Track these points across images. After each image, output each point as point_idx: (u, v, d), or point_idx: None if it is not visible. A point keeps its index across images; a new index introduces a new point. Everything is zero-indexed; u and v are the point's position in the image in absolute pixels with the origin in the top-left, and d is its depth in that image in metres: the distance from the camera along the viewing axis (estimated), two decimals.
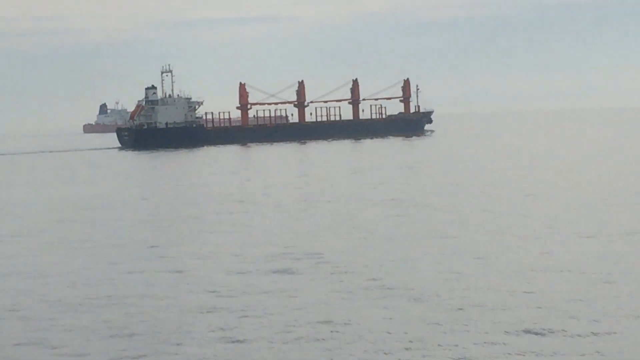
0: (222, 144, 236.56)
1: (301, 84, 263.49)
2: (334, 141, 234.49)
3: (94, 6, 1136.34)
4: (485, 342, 31.51)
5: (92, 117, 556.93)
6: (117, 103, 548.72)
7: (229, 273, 46.60)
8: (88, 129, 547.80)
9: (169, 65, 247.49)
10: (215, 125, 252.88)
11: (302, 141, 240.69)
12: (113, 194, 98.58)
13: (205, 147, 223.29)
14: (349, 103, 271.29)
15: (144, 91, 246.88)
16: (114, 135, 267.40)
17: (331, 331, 33.86)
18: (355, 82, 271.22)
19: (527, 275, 42.48)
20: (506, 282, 41.02)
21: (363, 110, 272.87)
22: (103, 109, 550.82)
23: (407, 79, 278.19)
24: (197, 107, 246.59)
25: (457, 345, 31.20)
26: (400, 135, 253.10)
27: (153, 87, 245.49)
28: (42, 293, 43.22)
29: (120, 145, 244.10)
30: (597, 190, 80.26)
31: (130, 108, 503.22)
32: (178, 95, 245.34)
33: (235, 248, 54.72)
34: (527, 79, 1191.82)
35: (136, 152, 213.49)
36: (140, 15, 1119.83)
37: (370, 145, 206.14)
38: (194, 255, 52.68)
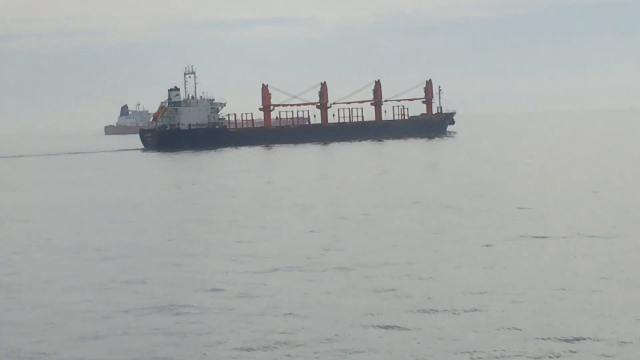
0: (244, 145, 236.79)
1: (324, 85, 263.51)
2: (357, 142, 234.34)
3: (114, 7, 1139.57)
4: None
5: (114, 119, 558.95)
6: (138, 104, 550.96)
7: (254, 276, 46.54)
8: (109, 130, 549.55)
9: (192, 66, 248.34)
10: (238, 126, 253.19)
11: (325, 142, 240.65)
12: (141, 196, 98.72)
13: (228, 149, 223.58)
14: (372, 104, 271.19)
15: (166, 92, 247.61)
16: (136, 136, 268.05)
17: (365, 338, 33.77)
18: (377, 83, 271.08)
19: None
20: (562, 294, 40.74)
21: (385, 112, 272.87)
22: (124, 110, 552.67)
23: (430, 80, 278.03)
24: (220, 108, 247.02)
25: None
26: (423, 137, 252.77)
27: (176, 89, 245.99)
28: (66, 299, 43.31)
29: (143, 146, 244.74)
30: (628, 192, 79.94)
31: (152, 109, 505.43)
32: (201, 96, 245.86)
33: (262, 251, 54.67)
34: (550, 80, 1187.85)
35: (159, 154, 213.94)
36: (161, 16, 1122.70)
37: (393, 147, 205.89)
38: (221, 258, 52.68)
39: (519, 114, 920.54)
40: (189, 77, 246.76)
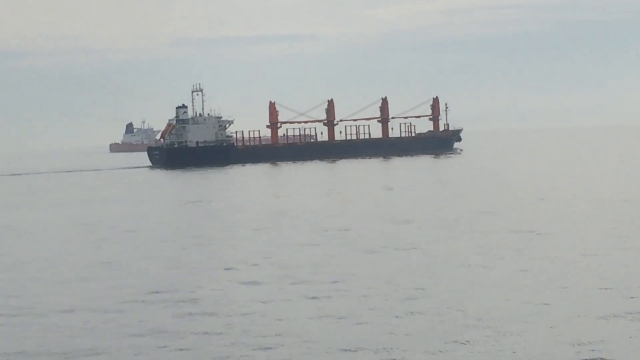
0: (252, 162, 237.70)
1: (330, 103, 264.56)
2: (364, 159, 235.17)
3: (119, 25, 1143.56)
4: None
5: (119, 137, 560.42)
6: (143, 122, 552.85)
7: (258, 295, 47.23)
8: (115, 148, 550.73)
9: (199, 84, 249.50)
10: (245, 143, 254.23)
11: (332, 160, 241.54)
12: (150, 213, 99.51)
13: (235, 166, 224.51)
14: (379, 121, 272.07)
15: (172, 110, 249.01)
16: (141, 154, 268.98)
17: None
18: (384, 101, 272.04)
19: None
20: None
21: (392, 129, 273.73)
22: (129, 128, 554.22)
23: (436, 97, 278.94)
24: (227, 125, 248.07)
25: None
26: (430, 154, 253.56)
27: (184, 106, 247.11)
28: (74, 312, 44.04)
29: (151, 163, 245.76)
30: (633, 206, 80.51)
31: (157, 127, 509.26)
32: (208, 114, 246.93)
33: (270, 266, 55.37)
34: (557, 96, 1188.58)
35: (167, 171, 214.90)
36: (165, 34, 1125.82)
37: (400, 164, 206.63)
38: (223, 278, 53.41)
39: (526, 130, 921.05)
40: (197, 94, 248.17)
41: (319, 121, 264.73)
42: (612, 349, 32.68)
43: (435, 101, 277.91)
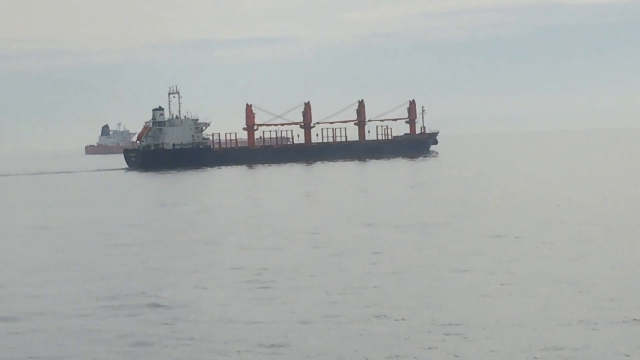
0: (228, 164, 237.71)
1: (307, 105, 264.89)
2: (340, 162, 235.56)
3: (95, 28, 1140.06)
4: None
5: (94, 139, 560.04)
6: (119, 124, 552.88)
7: (230, 297, 47.45)
8: (90, 150, 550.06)
9: (176, 86, 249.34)
10: (222, 146, 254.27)
11: (308, 162, 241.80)
12: (123, 216, 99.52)
13: (212, 168, 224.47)
14: (355, 124, 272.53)
15: (148, 112, 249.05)
16: (117, 156, 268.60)
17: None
18: (361, 103, 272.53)
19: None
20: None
21: (369, 132, 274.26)
22: (105, 130, 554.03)
23: (413, 100, 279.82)
24: (204, 128, 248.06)
25: None
26: (406, 157, 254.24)
27: (160, 109, 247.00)
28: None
29: (127, 166, 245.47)
30: (603, 210, 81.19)
31: (133, 129, 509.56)
32: (185, 116, 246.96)
33: (239, 270, 55.59)
34: (533, 100, 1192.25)
35: (143, 173, 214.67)
36: (142, 37, 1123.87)
37: (377, 166, 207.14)
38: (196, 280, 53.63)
39: (502, 134, 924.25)
40: (173, 97, 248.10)
41: (296, 124, 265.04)
42: (577, 354, 33.12)
43: (412, 104, 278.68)
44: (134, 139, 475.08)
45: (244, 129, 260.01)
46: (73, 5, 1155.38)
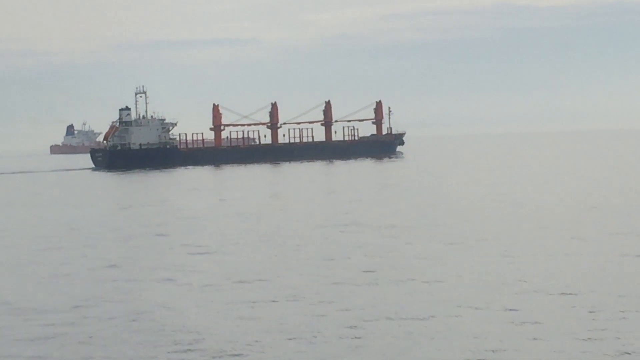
0: (195, 164, 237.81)
1: (274, 106, 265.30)
2: (307, 162, 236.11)
3: (59, 29, 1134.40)
4: None
5: (59, 139, 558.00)
6: (84, 124, 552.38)
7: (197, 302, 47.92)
8: (55, 149, 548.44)
9: (143, 86, 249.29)
10: (188, 146, 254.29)
11: (275, 162, 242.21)
12: (86, 216, 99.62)
13: (178, 168, 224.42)
14: (322, 125, 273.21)
15: (114, 113, 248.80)
16: (82, 156, 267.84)
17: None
18: (328, 104, 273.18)
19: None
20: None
21: (336, 132, 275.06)
22: (70, 130, 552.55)
23: (380, 101, 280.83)
24: (171, 128, 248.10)
25: None
26: (373, 157, 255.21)
27: (127, 108, 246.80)
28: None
29: (94, 165, 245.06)
30: (561, 209, 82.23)
31: (98, 129, 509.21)
32: (152, 116, 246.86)
33: (205, 274, 56.03)
34: (500, 102, 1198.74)
35: (110, 173, 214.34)
36: (106, 37, 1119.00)
37: (343, 167, 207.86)
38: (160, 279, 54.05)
39: (468, 136, 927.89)
40: (140, 96, 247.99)
41: (263, 124, 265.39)
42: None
43: (379, 105, 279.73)
44: (99, 138, 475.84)
45: (211, 129, 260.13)
46: (38, 5, 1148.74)
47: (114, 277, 54.23)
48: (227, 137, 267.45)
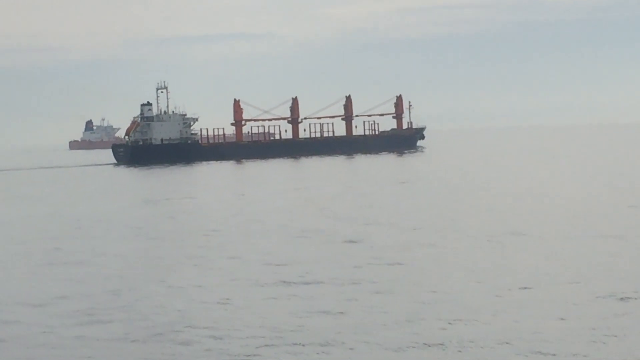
0: (216, 160, 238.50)
1: (295, 101, 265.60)
2: (327, 157, 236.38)
3: (77, 24, 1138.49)
4: None
5: (78, 134, 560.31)
6: (103, 120, 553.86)
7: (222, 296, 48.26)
8: (74, 145, 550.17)
9: (164, 81, 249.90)
10: (210, 141, 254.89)
11: (296, 157, 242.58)
12: (108, 212, 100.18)
13: (200, 163, 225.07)
14: (342, 119, 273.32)
15: (132, 108, 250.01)
16: (102, 151, 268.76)
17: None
18: (348, 99, 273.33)
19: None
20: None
21: (356, 127, 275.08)
22: (89, 125, 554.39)
23: (400, 95, 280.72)
24: (192, 123, 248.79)
25: None
26: (394, 152, 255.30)
27: (148, 104, 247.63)
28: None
29: (115, 161, 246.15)
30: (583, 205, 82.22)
31: (117, 125, 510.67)
32: (173, 111, 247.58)
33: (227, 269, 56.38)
34: (518, 96, 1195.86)
35: (132, 168, 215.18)
36: (124, 33, 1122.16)
37: (364, 162, 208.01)
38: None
39: (489, 129, 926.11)
40: (161, 92, 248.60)
41: (284, 119, 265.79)
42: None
43: (399, 99, 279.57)
44: (118, 134, 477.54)
45: (232, 124, 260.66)
46: (55, 1, 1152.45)
47: (133, 269, 54.73)
48: (248, 132, 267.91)
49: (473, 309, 40.23)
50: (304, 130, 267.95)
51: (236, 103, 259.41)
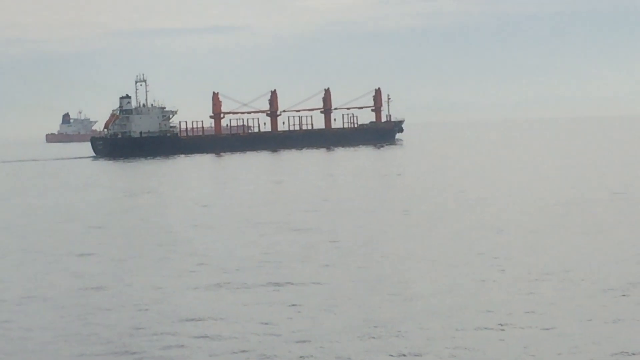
0: (196, 152, 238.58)
1: (274, 93, 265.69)
2: (307, 150, 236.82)
3: (55, 16, 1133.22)
4: None
5: (55, 127, 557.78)
6: (80, 113, 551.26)
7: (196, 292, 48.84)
8: (51, 138, 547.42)
9: (143, 74, 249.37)
10: (189, 134, 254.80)
11: (275, 150, 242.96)
12: (85, 204, 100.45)
13: (179, 157, 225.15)
14: (321, 112, 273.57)
15: (111, 101, 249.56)
16: (79, 144, 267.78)
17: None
18: (327, 92, 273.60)
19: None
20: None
21: (335, 120, 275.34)
22: (66, 118, 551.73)
23: (379, 88, 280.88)
24: (171, 116, 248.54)
25: None
26: (372, 145, 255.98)
27: (127, 97, 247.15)
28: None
29: (94, 154, 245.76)
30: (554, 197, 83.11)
31: (94, 118, 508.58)
32: (152, 104, 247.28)
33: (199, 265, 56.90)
34: (497, 88, 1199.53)
35: (111, 161, 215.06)
36: (102, 25, 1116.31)
37: (342, 154, 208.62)
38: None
39: (467, 122, 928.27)
40: (140, 85, 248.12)
41: (262, 112, 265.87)
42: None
43: (378, 92, 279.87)
44: (95, 127, 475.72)
45: (211, 117, 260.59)
46: None
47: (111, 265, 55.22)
48: (227, 125, 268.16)
49: (449, 303, 41.00)
50: (283, 123, 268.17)
51: (215, 96, 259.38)
